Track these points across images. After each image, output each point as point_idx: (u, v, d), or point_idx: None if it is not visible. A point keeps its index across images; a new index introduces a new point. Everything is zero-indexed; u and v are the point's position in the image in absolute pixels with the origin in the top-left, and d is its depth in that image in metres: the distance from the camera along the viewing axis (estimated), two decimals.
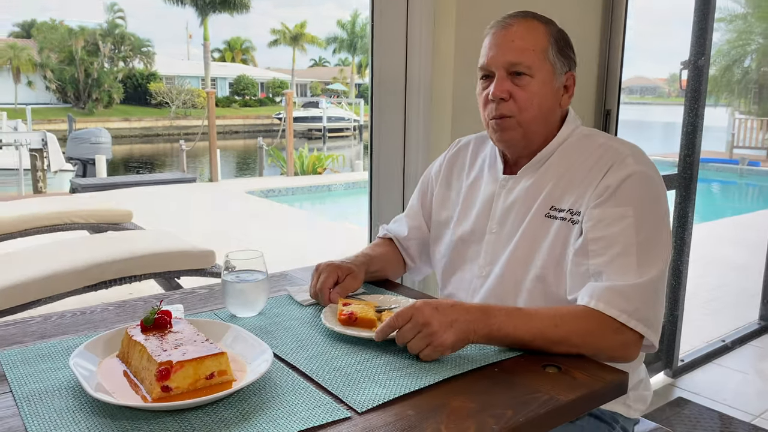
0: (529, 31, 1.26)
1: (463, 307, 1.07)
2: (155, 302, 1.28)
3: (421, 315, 1.03)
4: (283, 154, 14.61)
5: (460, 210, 1.43)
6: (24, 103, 29.11)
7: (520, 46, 1.25)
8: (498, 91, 1.25)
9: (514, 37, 1.25)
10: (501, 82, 1.26)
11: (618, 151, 1.24)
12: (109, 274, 3.22)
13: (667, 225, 1.20)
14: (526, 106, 1.26)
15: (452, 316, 1.04)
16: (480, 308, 1.08)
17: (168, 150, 26.80)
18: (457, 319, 1.04)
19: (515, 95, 1.25)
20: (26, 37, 35.59)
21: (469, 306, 1.08)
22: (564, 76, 1.30)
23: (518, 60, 1.24)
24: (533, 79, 1.25)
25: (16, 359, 1.04)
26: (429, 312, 1.04)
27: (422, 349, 1.03)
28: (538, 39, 1.26)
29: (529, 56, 1.24)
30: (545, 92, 1.27)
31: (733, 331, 3.55)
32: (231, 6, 38.04)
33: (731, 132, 15.20)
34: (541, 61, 1.25)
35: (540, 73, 1.25)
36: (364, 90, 42.44)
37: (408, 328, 1.04)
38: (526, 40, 1.25)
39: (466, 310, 1.06)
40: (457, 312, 1.05)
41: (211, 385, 0.93)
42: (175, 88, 34.94)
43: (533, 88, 1.25)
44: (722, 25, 17.77)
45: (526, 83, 1.25)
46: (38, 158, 10.49)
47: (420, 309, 1.04)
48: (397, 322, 1.05)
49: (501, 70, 1.26)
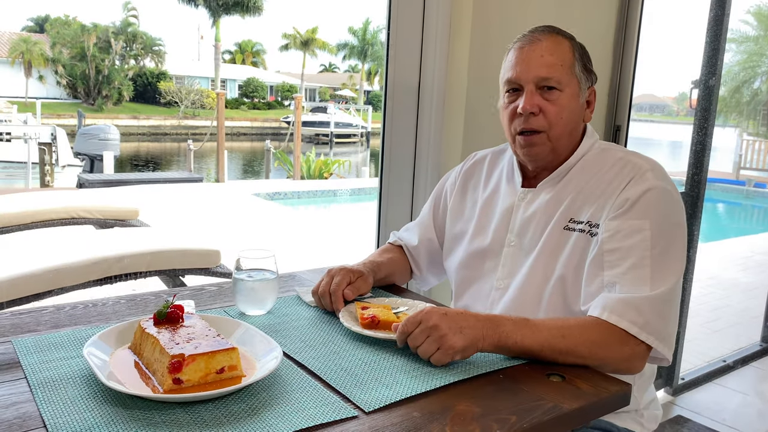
0: (557, 46, 1.29)
1: (472, 315, 1.09)
2: (166, 297, 1.30)
3: (429, 319, 1.05)
4: (290, 157, 14.65)
5: (476, 224, 1.44)
6: (34, 97, 29.31)
7: (550, 61, 1.27)
8: (528, 105, 1.27)
9: (544, 52, 1.27)
10: (531, 96, 1.27)
11: (638, 166, 1.25)
12: (115, 270, 3.23)
13: (683, 241, 1.21)
14: (556, 120, 1.28)
15: (461, 323, 1.06)
16: (488, 317, 1.10)
17: (175, 149, 26.90)
18: (466, 325, 1.06)
19: (545, 109, 1.27)
20: (39, 31, 35.86)
21: (477, 314, 1.10)
22: (588, 91, 1.34)
23: (549, 75, 1.26)
24: (562, 94, 1.27)
25: (30, 347, 1.06)
26: (437, 317, 1.06)
27: (433, 353, 1.05)
28: (566, 54, 1.29)
29: (558, 71, 1.27)
30: (573, 107, 1.29)
31: (735, 351, 3.55)
32: (244, 8, 38.23)
33: (738, 153, 15.18)
34: (569, 76, 1.28)
35: (568, 88, 1.28)
36: (372, 97, 42.57)
37: (417, 332, 1.06)
38: (555, 55, 1.27)
39: (475, 318, 1.08)
40: (465, 319, 1.07)
41: (222, 379, 0.94)
42: (184, 88, 35.09)
43: (563, 103, 1.27)
44: (733, 46, 17.80)
45: (555, 98, 1.27)
46: (47, 152, 10.55)
47: (429, 313, 1.07)
48: (407, 328, 1.07)
49: (530, 85, 1.28)
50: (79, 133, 12.75)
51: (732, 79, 18.05)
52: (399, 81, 1.96)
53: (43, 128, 13.45)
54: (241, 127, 33.74)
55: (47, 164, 10.51)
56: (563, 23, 2.11)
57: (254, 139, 31.51)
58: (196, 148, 14.93)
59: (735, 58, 18.06)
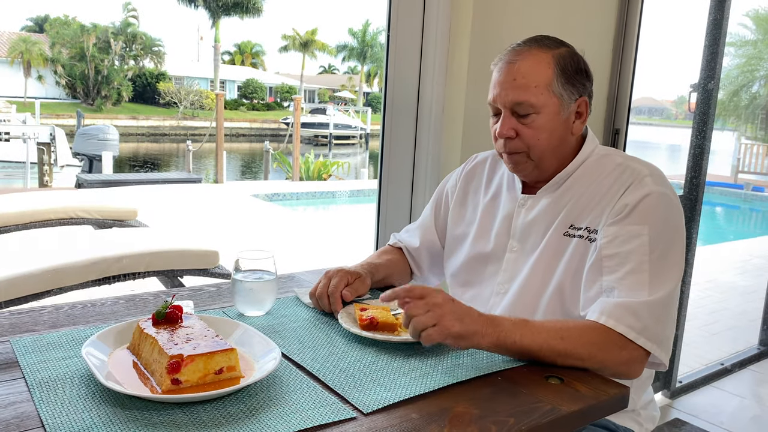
0: (533, 66, 1.24)
1: (475, 311, 1.10)
2: (165, 297, 1.30)
3: (435, 296, 1.06)
4: (289, 158, 14.65)
5: (477, 227, 1.44)
6: (33, 97, 29.29)
7: (523, 83, 1.24)
8: (504, 130, 1.26)
9: (516, 75, 1.24)
10: (506, 120, 1.26)
11: (637, 171, 1.25)
12: (113, 270, 3.23)
13: (681, 246, 1.21)
14: (534, 142, 1.26)
15: (464, 313, 1.07)
16: (488, 316, 1.10)
17: (174, 150, 26.90)
18: (468, 317, 1.07)
19: (521, 133, 1.26)
20: (39, 31, 35.86)
21: (478, 312, 1.10)
22: (574, 104, 1.29)
23: (521, 99, 1.24)
24: (539, 116, 1.25)
25: (28, 346, 1.06)
26: (444, 297, 1.07)
27: (426, 327, 1.04)
28: (542, 73, 1.24)
29: (532, 94, 1.23)
30: (553, 126, 1.26)
31: (733, 354, 3.55)
32: (243, 9, 38.26)
33: (737, 157, 15.21)
34: (546, 96, 1.24)
35: (546, 108, 1.25)
36: (372, 98, 42.59)
37: (420, 304, 1.06)
38: (528, 77, 1.24)
39: (477, 314, 1.09)
40: (469, 312, 1.08)
41: (220, 380, 0.94)
42: (183, 89, 35.10)
43: (539, 124, 1.25)
44: (731, 50, 17.82)
45: (531, 121, 1.25)
46: (45, 152, 10.55)
47: (438, 291, 1.07)
48: (411, 293, 1.07)
49: (506, 109, 1.26)
50: (78, 133, 12.74)
51: (731, 83, 18.07)
52: (398, 87, 1.96)
53: (42, 128, 13.45)
54: (240, 128, 33.76)
55: (46, 164, 10.51)
56: (562, 29, 2.12)
57: (253, 140, 31.52)
58: (195, 148, 14.93)
59: (733, 62, 18.09)
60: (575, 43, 1.35)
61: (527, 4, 2.03)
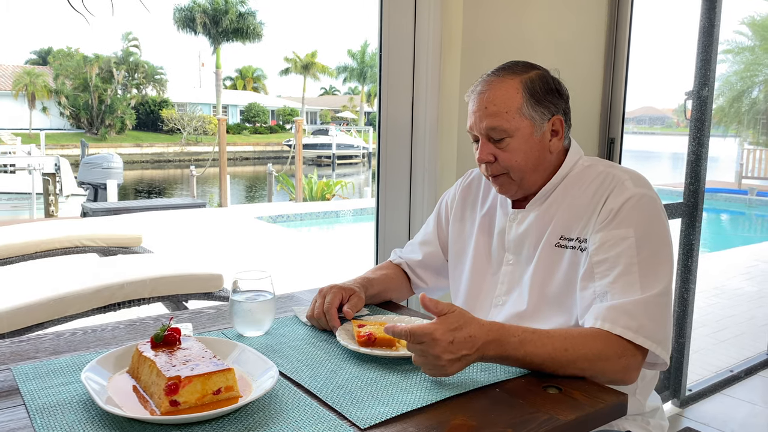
0: (501, 93, 1.29)
1: (479, 337, 1.05)
2: (165, 321, 1.31)
3: (433, 347, 1.02)
4: (292, 180, 14.72)
5: (475, 241, 1.46)
6: (38, 128, 29.61)
7: (493, 111, 1.29)
8: (483, 156, 1.32)
9: (487, 104, 1.30)
10: (484, 146, 1.32)
11: (616, 177, 1.28)
12: (118, 297, 3.25)
13: (668, 243, 1.23)
14: (511, 164, 1.31)
15: (463, 351, 1.03)
16: (497, 338, 1.07)
17: (178, 175, 27.05)
18: (467, 353, 1.04)
19: (498, 157, 1.31)
20: (42, 64, 36.29)
21: (485, 333, 1.06)
22: (548, 123, 1.32)
23: (493, 125, 1.29)
24: (513, 139, 1.30)
25: (29, 374, 1.07)
26: (442, 348, 1.02)
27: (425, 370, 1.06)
28: (510, 99, 1.28)
29: (502, 119, 1.28)
30: (527, 147, 1.31)
31: (742, 361, 3.53)
32: (243, 35, 38.69)
33: (740, 162, 15.19)
34: (517, 120, 1.29)
35: (518, 131, 1.29)
36: (373, 118, 42.77)
37: (418, 351, 1.04)
38: (498, 104, 1.29)
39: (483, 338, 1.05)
40: (469, 346, 1.04)
41: (218, 400, 0.95)
42: (186, 115, 35.41)
43: (514, 146, 1.30)
44: (729, 57, 17.88)
45: (506, 145, 1.30)
46: (50, 182, 10.62)
47: (436, 341, 1.02)
48: (411, 338, 1.04)
49: (482, 136, 1.32)
50: (82, 162, 12.84)
51: (731, 90, 18.11)
52: (392, 103, 1.98)
53: (46, 159, 13.56)
54: (243, 151, 33.97)
55: (51, 194, 10.58)
56: (553, 42, 2.15)
57: (257, 163, 31.70)
58: (198, 173, 15.02)
59: (732, 69, 18.14)
60: (567, 55, 1.38)
61: (517, 20, 2.06)
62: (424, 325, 1.04)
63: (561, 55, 2.16)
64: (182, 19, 38.39)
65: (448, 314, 1.05)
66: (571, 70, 1.41)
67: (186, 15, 38.26)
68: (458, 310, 1.07)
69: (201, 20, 37.88)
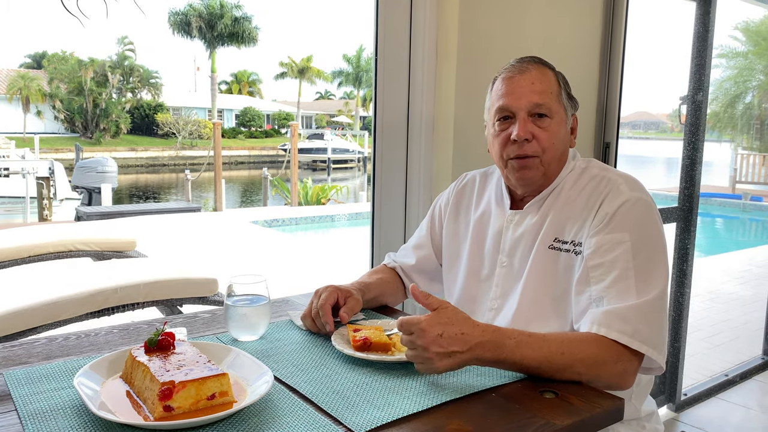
0: (544, 75, 1.33)
1: (472, 335, 1.05)
2: (159, 325, 1.30)
3: (421, 337, 1.03)
4: (287, 184, 14.70)
5: (470, 245, 1.46)
6: (32, 132, 29.49)
7: (540, 88, 1.30)
8: (522, 132, 1.29)
9: (534, 80, 1.31)
10: (524, 123, 1.30)
11: (611, 180, 1.28)
12: (113, 302, 3.23)
13: (663, 248, 1.23)
14: (548, 146, 1.31)
15: (454, 347, 1.03)
16: (492, 339, 1.06)
17: (173, 180, 26.99)
18: (458, 350, 1.03)
19: (537, 136, 1.30)
20: (37, 67, 36.21)
21: (480, 334, 1.05)
22: (572, 118, 1.38)
23: (541, 101, 1.30)
24: (553, 120, 1.31)
25: (21, 379, 1.06)
26: (430, 338, 1.02)
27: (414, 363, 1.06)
28: (552, 83, 1.33)
29: (548, 98, 1.30)
30: (562, 133, 1.33)
31: (737, 365, 3.53)
32: (239, 39, 38.68)
33: (734, 167, 15.27)
34: (557, 104, 1.32)
35: (557, 115, 1.32)
36: (368, 122, 42.81)
37: (407, 341, 1.06)
38: (544, 84, 1.31)
39: (477, 337, 1.05)
40: (461, 343, 1.03)
41: (213, 405, 0.94)
42: (181, 119, 35.34)
43: (553, 129, 1.31)
44: (723, 62, 17.97)
45: (547, 124, 1.30)
46: (45, 186, 10.58)
47: (424, 331, 1.03)
48: (402, 327, 1.06)
49: (523, 112, 1.30)
50: (76, 166, 12.81)
51: (725, 95, 18.19)
52: (388, 109, 1.98)
53: (41, 163, 13.52)
54: (238, 155, 33.94)
55: (45, 198, 10.54)
56: (548, 45, 2.15)
57: (252, 167, 31.66)
58: (193, 178, 14.99)
59: (726, 74, 18.23)
60: (562, 59, 1.40)
61: (512, 24, 2.06)
62: (415, 316, 1.06)
63: (556, 59, 2.15)
64: (177, 23, 38.35)
65: (440, 309, 1.06)
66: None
67: (181, 19, 38.23)
68: (452, 307, 1.07)
69: (196, 24, 37.85)
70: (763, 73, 18.40)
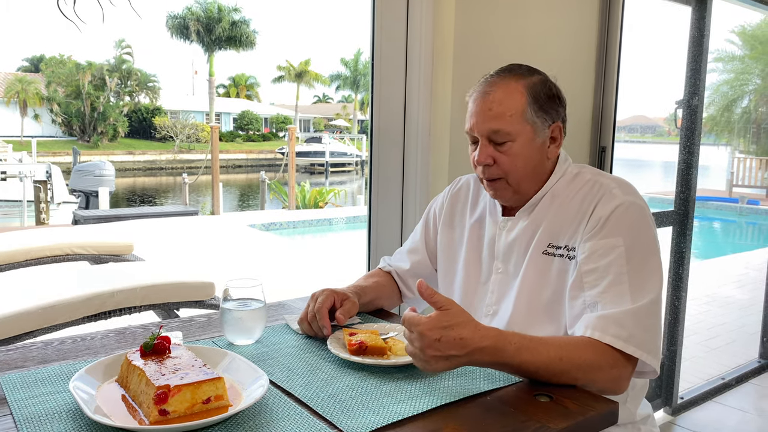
0: (506, 96, 1.28)
1: (472, 340, 1.03)
2: (155, 329, 1.30)
3: (420, 340, 1.02)
4: (285, 188, 14.70)
5: (466, 249, 1.46)
6: (30, 135, 29.48)
7: (498, 112, 1.27)
8: (482, 158, 1.30)
9: (492, 105, 1.28)
10: (484, 149, 1.30)
11: (604, 185, 1.28)
12: (109, 305, 3.23)
13: (657, 251, 1.23)
14: (510, 169, 1.30)
15: (452, 352, 1.02)
16: (492, 345, 1.05)
17: (171, 183, 26.98)
18: (456, 354, 1.02)
19: (498, 160, 1.29)
20: (34, 71, 36.21)
21: (479, 338, 1.04)
22: (548, 130, 1.32)
23: (497, 128, 1.27)
24: (514, 143, 1.28)
25: (16, 383, 1.06)
26: (428, 342, 1.01)
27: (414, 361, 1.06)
28: (515, 102, 1.27)
29: (506, 122, 1.27)
30: (528, 152, 1.30)
31: (733, 369, 3.54)
32: (237, 43, 38.73)
33: (731, 171, 15.30)
34: (520, 124, 1.28)
35: (521, 136, 1.28)
36: (366, 126, 42.79)
37: (407, 338, 1.05)
38: (503, 106, 1.27)
39: (474, 347, 1.03)
40: (459, 348, 1.02)
41: (208, 409, 0.94)
42: (179, 122, 35.34)
43: (515, 151, 1.29)
44: (720, 66, 18.04)
45: (507, 148, 1.29)
46: (42, 190, 10.56)
47: (423, 334, 1.01)
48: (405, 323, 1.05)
49: (483, 138, 1.30)
50: (74, 170, 12.79)
51: (722, 98, 18.25)
52: (385, 113, 1.99)
53: (38, 166, 13.50)
54: (236, 159, 33.94)
55: (42, 202, 10.52)
56: (543, 52, 2.16)
57: (250, 171, 31.66)
58: (191, 181, 14.97)
59: (723, 77, 18.30)
60: (558, 63, 1.39)
61: (509, 28, 2.07)
62: (419, 316, 1.04)
63: (551, 63, 2.17)
64: (175, 27, 38.40)
65: (444, 310, 1.04)
66: (562, 79, 1.41)
67: (179, 22, 38.28)
68: (456, 308, 1.04)
69: (194, 28, 37.90)
70: (760, 77, 18.47)
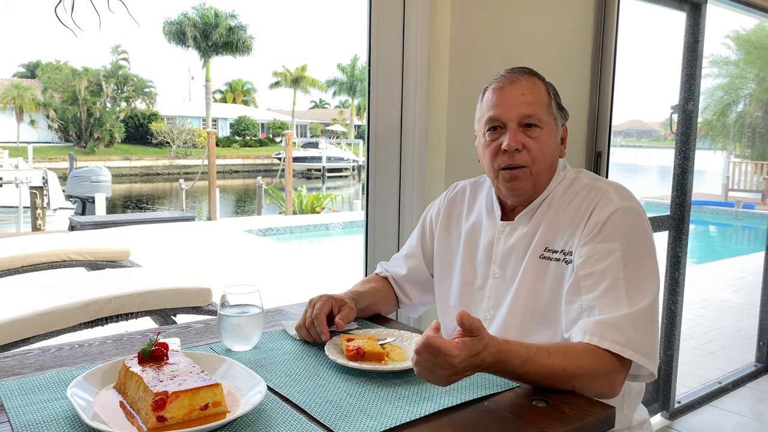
0: (534, 86, 1.33)
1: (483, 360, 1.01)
2: (152, 335, 1.30)
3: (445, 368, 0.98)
4: (282, 193, 14.70)
5: (462, 256, 1.46)
6: (26, 141, 29.40)
7: (530, 99, 1.31)
8: (513, 142, 1.30)
9: (524, 91, 1.32)
10: (515, 133, 1.31)
11: (601, 189, 1.30)
12: (106, 312, 3.22)
13: (653, 256, 1.24)
14: (538, 156, 1.31)
15: (468, 372, 1.01)
16: (500, 360, 1.03)
17: (167, 189, 26.95)
18: (458, 374, 1.00)
19: (528, 146, 1.31)
20: (31, 77, 36.18)
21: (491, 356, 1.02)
22: (561, 129, 1.38)
23: (531, 112, 1.30)
24: (543, 131, 1.32)
25: (14, 390, 1.05)
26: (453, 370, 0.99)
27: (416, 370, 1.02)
28: (542, 94, 1.34)
29: (538, 109, 1.31)
30: (552, 143, 1.34)
31: (730, 373, 3.54)
32: (233, 48, 38.76)
33: (726, 175, 15.36)
34: (547, 114, 1.33)
35: (548, 126, 1.33)
36: (363, 131, 42.85)
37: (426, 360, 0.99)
38: (534, 94, 1.32)
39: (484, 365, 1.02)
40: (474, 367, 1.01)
41: (206, 415, 0.94)
42: (176, 128, 35.33)
43: (544, 139, 1.32)
44: (715, 70, 18.11)
45: (537, 135, 1.31)
46: (38, 196, 10.54)
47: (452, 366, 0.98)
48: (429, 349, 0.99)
49: (513, 122, 1.31)
50: (70, 175, 12.77)
51: (717, 103, 18.32)
52: (381, 119, 1.99)
53: (34, 172, 13.46)
54: (233, 164, 33.93)
55: (38, 208, 10.49)
56: (539, 57, 2.17)
57: (247, 176, 31.66)
58: (187, 187, 14.96)
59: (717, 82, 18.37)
60: (554, 68, 1.41)
61: (504, 32, 2.08)
62: (450, 345, 0.98)
63: (547, 68, 2.17)
64: (172, 33, 38.42)
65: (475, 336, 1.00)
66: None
67: (176, 28, 38.30)
68: (482, 333, 1.01)
69: (191, 33, 37.93)
70: (755, 82, 18.54)
